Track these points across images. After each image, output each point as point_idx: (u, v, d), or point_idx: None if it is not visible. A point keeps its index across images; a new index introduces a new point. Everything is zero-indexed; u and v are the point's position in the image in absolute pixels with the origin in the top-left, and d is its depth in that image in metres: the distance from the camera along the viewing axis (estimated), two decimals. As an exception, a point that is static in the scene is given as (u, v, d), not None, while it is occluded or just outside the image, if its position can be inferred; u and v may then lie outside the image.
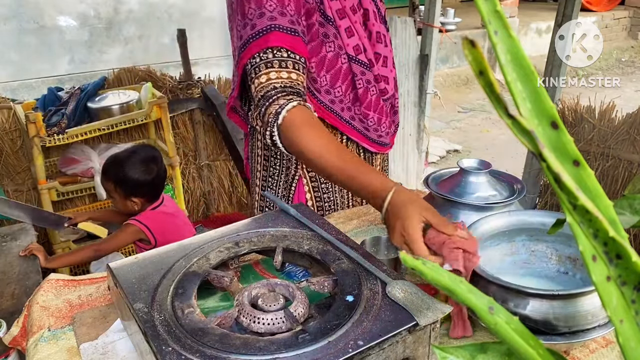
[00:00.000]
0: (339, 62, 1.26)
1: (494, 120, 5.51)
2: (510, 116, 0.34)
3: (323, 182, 1.38)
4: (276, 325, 0.77)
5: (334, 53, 1.24)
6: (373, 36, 1.33)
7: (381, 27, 1.35)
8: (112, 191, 2.09)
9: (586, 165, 0.37)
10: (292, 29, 1.11)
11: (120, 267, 0.90)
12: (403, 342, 0.74)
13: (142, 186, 2.08)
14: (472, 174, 1.09)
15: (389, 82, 1.39)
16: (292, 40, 1.11)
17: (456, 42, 6.32)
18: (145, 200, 2.11)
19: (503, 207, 1.06)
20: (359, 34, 1.28)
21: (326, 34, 1.23)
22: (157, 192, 2.16)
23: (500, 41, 0.35)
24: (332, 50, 1.24)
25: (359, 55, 1.28)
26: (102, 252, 2.10)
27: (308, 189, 1.37)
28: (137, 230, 2.03)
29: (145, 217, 2.07)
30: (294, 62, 1.11)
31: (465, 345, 0.45)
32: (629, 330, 0.38)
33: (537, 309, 0.80)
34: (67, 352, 0.90)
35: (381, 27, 1.35)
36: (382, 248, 1.13)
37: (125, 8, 4.68)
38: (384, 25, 1.37)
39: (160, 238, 2.04)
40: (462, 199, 1.06)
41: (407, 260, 0.42)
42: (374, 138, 1.38)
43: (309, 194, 1.37)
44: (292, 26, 1.11)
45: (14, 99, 3.03)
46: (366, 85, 1.32)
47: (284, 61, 1.10)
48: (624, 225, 0.43)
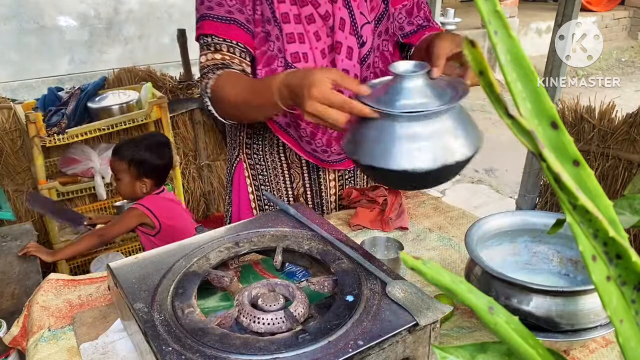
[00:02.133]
0: (275, 64, 1.25)
1: (494, 120, 5.51)
2: (510, 116, 0.34)
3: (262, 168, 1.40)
4: (276, 325, 0.77)
5: (272, 53, 1.25)
6: (341, 48, 1.25)
7: (351, 40, 1.26)
8: (124, 171, 2.12)
9: (586, 165, 0.37)
10: (227, 18, 1.19)
11: (120, 267, 0.90)
12: (403, 342, 0.74)
13: (155, 168, 2.15)
14: (406, 79, 0.92)
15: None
16: (226, 28, 1.20)
17: (456, 42, 6.30)
18: (153, 184, 2.16)
19: (437, 114, 0.90)
20: (310, 42, 1.24)
21: (269, 32, 1.23)
22: (164, 178, 2.25)
23: (500, 41, 0.35)
24: (271, 50, 1.24)
25: (297, 63, 1.24)
26: (107, 237, 2.14)
27: (247, 174, 1.43)
28: (141, 214, 2.07)
29: (149, 201, 2.11)
30: (229, 46, 1.20)
31: (465, 345, 0.45)
32: (629, 330, 0.38)
33: (540, 306, 0.80)
34: (67, 352, 0.90)
35: (352, 39, 1.26)
36: (381, 248, 1.13)
37: (125, 8, 4.68)
38: (355, 38, 1.26)
39: (164, 222, 2.09)
40: (392, 109, 0.89)
41: (407, 260, 0.42)
42: (308, 150, 1.34)
43: (249, 179, 1.43)
44: (229, 15, 1.19)
45: (14, 99, 3.03)
46: None
47: (219, 44, 1.20)
48: (624, 225, 0.43)
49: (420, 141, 0.87)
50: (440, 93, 0.92)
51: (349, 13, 1.26)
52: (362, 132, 0.93)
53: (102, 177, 2.69)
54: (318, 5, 1.23)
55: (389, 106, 0.89)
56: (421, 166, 0.86)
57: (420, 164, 0.86)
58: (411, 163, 0.86)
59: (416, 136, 0.87)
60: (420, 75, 0.92)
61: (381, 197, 1.36)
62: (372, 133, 0.91)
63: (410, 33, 1.36)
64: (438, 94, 0.92)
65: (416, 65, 0.95)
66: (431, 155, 0.87)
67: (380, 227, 1.30)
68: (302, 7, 1.23)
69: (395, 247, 1.12)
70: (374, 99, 0.92)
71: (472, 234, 0.93)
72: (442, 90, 0.93)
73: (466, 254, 0.98)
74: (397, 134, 0.88)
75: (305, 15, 1.23)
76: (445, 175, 0.94)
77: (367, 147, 0.91)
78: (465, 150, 0.89)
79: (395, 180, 0.96)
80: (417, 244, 1.25)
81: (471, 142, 0.90)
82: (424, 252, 1.22)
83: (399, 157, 0.87)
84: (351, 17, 1.26)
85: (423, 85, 0.92)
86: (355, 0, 1.26)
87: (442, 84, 0.97)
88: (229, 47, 1.19)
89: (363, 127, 0.93)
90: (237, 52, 1.20)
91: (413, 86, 0.91)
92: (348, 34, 1.26)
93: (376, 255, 0.95)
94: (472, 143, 0.90)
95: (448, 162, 0.87)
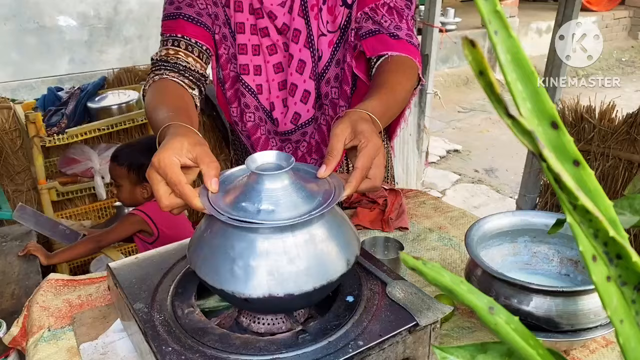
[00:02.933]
0: (229, 68, 1.26)
1: (494, 120, 5.51)
2: (510, 116, 0.34)
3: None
4: (276, 326, 0.77)
5: (227, 56, 1.25)
6: (291, 62, 1.21)
7: (305, 53, 1.19)
8: (123, 177, 2.08)
9: (586, 165, 0.37)
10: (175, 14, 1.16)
11: (120, 267, 0.90)
12: (403, 342, 0.74)
13: None
14: (267, 178, 0.73)
15: (287, 114, 1.26)
16: (173, 24, 1.17)
17: (456, 42, 6.32)
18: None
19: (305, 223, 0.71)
20: (264, 55, 1.22)
21: (225, 35, 1.23)
22: None
23: (500, 41, 0.35)
24: (226, 54, 1.25)
25: (245, 75, 1.24)
26: (104, 243, 2.10)
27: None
28: (140, 220, 2.03)
29: (149, 207, 2.08)
30: (174, 40, 1.16)
31: (465, 346, 0.45)
32: (629, 331, 0.38)
33: (540, 306, 0.80)
34: (67, 352, 0.90)
35: (305, 52, 1.19)
36: (381, 248, 1.13)
37: (125, 8, 4.68)
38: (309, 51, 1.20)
39: (163, 230, 2.06)
40: (247, 218, 0.70)
41: (407, 260, 0.42)
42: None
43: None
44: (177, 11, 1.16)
45: (14, 99, 3.03)
46: (244, 108, 1.28)
47: (166, 40, 1.17)
48: (624, 225, 0.43)
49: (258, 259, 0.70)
50: (306, 197, 0.73)
51: (305, 23, 1.18)
52: (204, 236, 0.76)
53: (102, 177, 2.69)
54: (275, 18, 1.18)
55: (234, 209, 0.71)
56: (256, 293, 0.70)
57: (255, 290, 0.70)
58: (247, 287, 0.70)
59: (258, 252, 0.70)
60: (278, 175, 0.73)
61: (382, 198, 1.36)
62: (212, 241, 0.74)
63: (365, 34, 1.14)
64: (302, 198, 0.73)
65: (280, 158, 0.76)
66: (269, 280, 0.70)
67: (381, 227, 1.30)
68: (258, 19, 1.20)
69: (395, 247, 1.12)
70: (224, 196, 0.75)
71: (472, 234, 0.93)
72: (309, 194, 0.74)
73: (466, 254, 0.98)
74: (234, 246, 0.71)
75: (260, 27, 1.20)
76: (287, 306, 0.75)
77: (202, 257, 0.75)
78: (311, 281, 0.71)
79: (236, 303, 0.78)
80: (417, 244, 1.25)
81: (319, 272, 0.72)
82: (424, 252, 1.22)
83: (231, 277, 0.70)
84: (307, 28, 1.18)
85: (285, 185, 0.73)
86: (312, 10, 1.17)
87: (314, 185, 0.77)
88: (174, 41, 1.16)
89: (206, 232, 0.76)
90: (183, 45, 1.16)
91: (270, 188, 0.72)
92: (302, 46, 1.20)
93: (376, 255, 0.95)
94: (320, 273, 0.72)
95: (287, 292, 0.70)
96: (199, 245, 0.77)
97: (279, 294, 0.69)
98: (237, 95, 1.28)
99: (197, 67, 1.15)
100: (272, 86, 1.25)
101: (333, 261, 0.73)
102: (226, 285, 0.71)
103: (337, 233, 0.75)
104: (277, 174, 0.73)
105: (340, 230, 0.76)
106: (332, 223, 0.76)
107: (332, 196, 0.74)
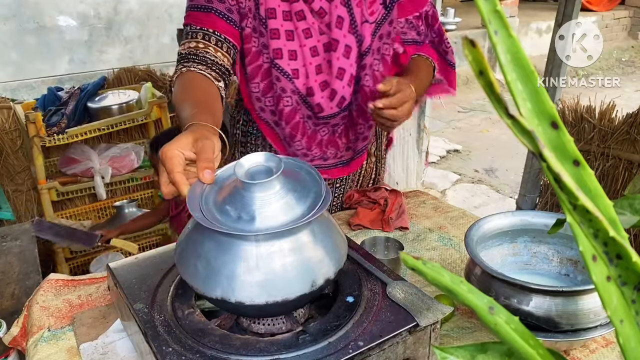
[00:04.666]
0: (261, 60, 1.26)
1: (494, 120, 5.51)
2: (510, 116, 0.34)
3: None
4: (276, 326, 0.77)
5: (257, 49, 1.25)
6: (337, 46, 1.23)
7: (350, 39, 1.24)
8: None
9: (586, 165, 0.37)
10: (205, 7, 1.18)
11: (120, 267, 0.90)
12: (403, 342, 0.74)
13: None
14: (256, 188, 0.72)
15: (334, 97, 1.27)
16: (203, 17, 1.18)
17: (456, 42, 6.31)
18: None
19: (293, 230, 0.71)
20: (299, 40, 1.22)
21: (255, 27, 1.23)
22: None
23: (500, 41, 0.35)
24: (256, 47, 1.24)
25: (279, 60, 1.23)
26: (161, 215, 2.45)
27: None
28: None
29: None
30: (204, 34, 1.18)
31: (465, 346, 0.45)
32: (629, 330, 0.38)
33: (540, 306, 0.80)
34: (67, 352, 0.90)
35: (350, 38, 1.24)
36: (381, 248, 1.13)
37: (125, 8, 4.68)
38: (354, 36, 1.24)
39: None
40: (233, 227, 0.70)
41: (407, 260, 0.42)
42: (289, 153, 1.33)
43: None
44: (208, 4, 1.18)
45: (14, 99, 3.03)
46: (281, 93, 1.27)
47: (195, 32, 1.18)
48: (624, 225, 0.43)
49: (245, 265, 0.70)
50: (291, 204, 0.73)
51: (347, 11, 1.23)
52: (192, 239, 0.76)
53: (101, 177, 2.68)
54: (312, 1, 1.21)
55: (217, 211, 0.72)
56: (250, 300, 0.70)
57: (244, 295, 0.70)
58: (234, 294, 0.70)
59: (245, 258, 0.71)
60: (263, 184, 0.72)
61: (382, 198, 1.36)
62: (199, 246, 0.74)
63: (409, 42, 1.35)
64: (288, 205, 0.72)
65: (268, 159, 0.76)
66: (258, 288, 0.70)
67: (381, 227, 1.30)
68: (292, 3, 1.21)
69: (395, 247, 1.12)
70: (219, 192, 0.76)
71: (472, 234, 0.93)
72: (295, 201, 0.73)
73: (466, 254, 0.98)
74: (225, 251, 0.71)
75: (295, 11, 1.21)
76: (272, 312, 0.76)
77: (190, 261, 0.75)
78: (297, 287, 0.71)
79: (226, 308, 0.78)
80: (417, 244, 1.25)
81: (308, 278, 0.72)
82: (424, 252, 1.22)
83: (224, 283, 0.71)
84: (350, 15, 1.23)
85: (273, 192, 0.72)
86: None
87: (302, 189, 0.76)
88: (205, 35, 1.17)
89: (193, 234, 0.76)
90: (213, 40, 1.18)
91: (256, 195, 0.72)
92: (347, 32, 1.23)
93: (376, 255, 0.95)
94: (309, 279, 0.72)
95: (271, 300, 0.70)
96: (180, 242, 0.80)
97: (265, 301, 0.70)
98: (271, 84, 1.28)
99: (224, 62, 1.18)
100: (310, 70, 1.26)
101: (319, 268, 0.73)
102: (194, 283, 0.74)
103: (324, 239, 0.75)
104: (263, 182, 0.72)
105: (328, 236, 0.76)
106: (317, 230, 0.75)
107: (319, 205, 0.72)
